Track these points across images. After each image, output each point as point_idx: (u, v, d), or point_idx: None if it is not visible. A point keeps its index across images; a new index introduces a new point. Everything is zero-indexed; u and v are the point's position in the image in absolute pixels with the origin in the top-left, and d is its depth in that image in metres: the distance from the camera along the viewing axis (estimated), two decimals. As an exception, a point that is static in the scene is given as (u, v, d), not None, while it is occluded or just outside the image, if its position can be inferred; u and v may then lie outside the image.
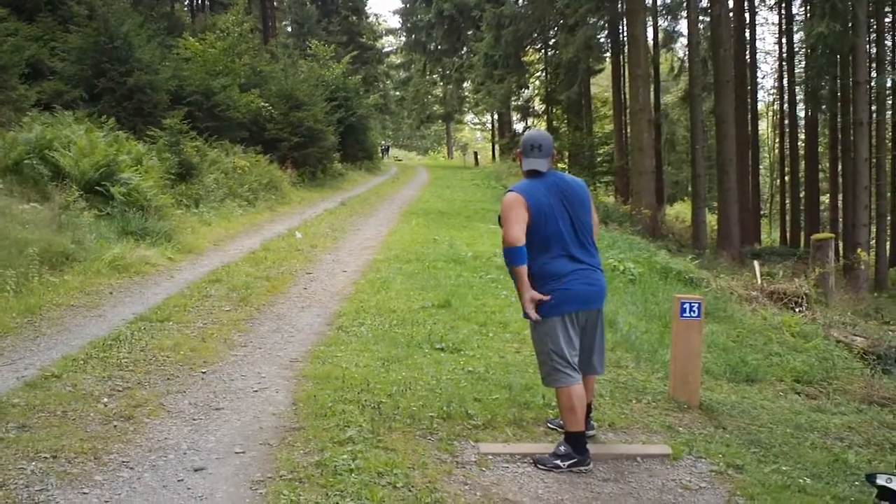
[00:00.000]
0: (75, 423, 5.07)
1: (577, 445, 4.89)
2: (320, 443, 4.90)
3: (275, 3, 48.83)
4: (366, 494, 4.17)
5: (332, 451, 4.74)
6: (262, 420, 5.34)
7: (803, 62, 35.35)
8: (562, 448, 4.90)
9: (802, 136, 36.17)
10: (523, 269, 4.82)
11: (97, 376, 6.06)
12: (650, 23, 33.49)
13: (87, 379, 5.98)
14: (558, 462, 4.85)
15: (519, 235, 4.79)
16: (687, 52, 31.11)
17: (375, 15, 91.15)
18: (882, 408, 7.00)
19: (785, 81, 37.04)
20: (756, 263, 15.49)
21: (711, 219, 30.19)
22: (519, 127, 53.79)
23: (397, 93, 65.97)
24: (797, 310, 11.61)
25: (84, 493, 4.11)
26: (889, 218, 30.53)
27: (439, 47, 60.41)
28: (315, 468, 4.52)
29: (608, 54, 39.84)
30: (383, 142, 61.62)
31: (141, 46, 18.81)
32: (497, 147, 58.21)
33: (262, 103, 25.00)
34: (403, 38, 65.64)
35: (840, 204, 31.90)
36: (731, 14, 28.71)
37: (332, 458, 4.63)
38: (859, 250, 19.56)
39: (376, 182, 33.96)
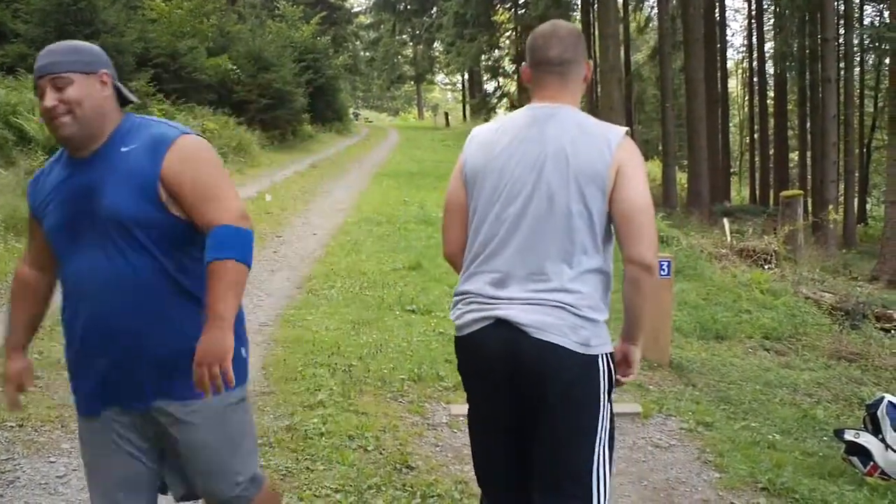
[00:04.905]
0: (42, 392, 5.01)
1: None
2: (290, 407, 4.88)
3: (241, -37, 48.03)
4: (336, 458, 4.17)
5: (303, 415, 4.73)
6: (231, 385, 5.30)
7: (772, 20, 35.39)
8: None
9: (772, 94, 36.31)
10: None
11: (64, 343, 5.97)
12: (620, -19, 33.31)
13: (54, 346, 5.89)
14: None
15: None
16: (656, 9, 31.02)
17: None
18: (850, 363, 7.09)
19: (754, 39, 37.10)
20: (726, 221, 15.57)
21: (681, 177, 30.30)
22: (489, 87, 53.49)
23: (367, 53, 65.23)
24: (766, 267, 11.69)
25: (51, 462, 4.08)
26: (857, 174, 30.81)
27: (409, 7, 59.80)
28: (285, 432, 4.51)
29: (578, 13, 39.65)
30: (353, 110, 61.07)
31: (105, 8, 18.41)
32: (468, 107, 57.91)
33: (230, 65, 24.67)
34: (373, -2, 64.94)
35: (809, 161, 32.14)
36: (700, -29, 28.60)
37: (303, 422, 4.62)
38: (830, 207, 19.69)
39: (347, 144, 33.69)
